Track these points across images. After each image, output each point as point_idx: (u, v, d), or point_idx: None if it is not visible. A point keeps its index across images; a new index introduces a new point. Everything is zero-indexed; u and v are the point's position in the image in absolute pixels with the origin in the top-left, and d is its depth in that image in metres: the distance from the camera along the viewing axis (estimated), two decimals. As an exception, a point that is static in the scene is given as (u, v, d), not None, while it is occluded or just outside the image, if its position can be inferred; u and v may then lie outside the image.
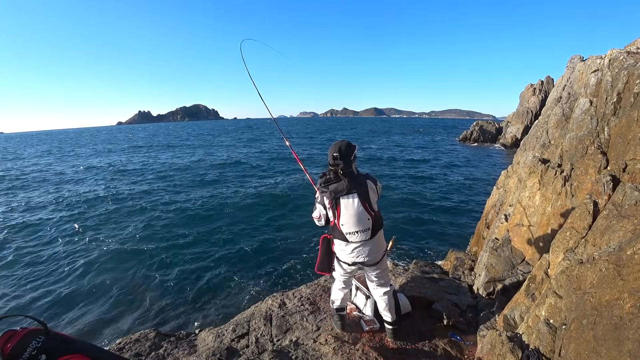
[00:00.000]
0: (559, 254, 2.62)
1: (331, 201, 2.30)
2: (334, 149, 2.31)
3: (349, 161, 2.29)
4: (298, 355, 2.69)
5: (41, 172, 25.77)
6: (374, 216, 2.33)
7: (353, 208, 2.29)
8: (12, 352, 1.04)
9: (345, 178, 2.28)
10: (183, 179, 20.48)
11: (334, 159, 2.30)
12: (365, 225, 2.32)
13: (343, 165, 2.28)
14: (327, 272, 2.64)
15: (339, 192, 2.28)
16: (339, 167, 2.29)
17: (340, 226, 2.35)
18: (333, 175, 2.34)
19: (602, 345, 1.68)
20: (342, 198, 2.28)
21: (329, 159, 2.33)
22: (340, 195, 2.28)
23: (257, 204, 14.07)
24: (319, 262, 2.59)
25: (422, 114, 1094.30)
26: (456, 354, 2.79)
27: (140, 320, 6.55)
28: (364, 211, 2.29)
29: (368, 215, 2.30)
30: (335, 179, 2.32)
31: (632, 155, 2.62)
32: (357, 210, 2.29)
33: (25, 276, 8.43)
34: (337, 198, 2.29)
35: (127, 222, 12.46)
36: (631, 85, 2.96)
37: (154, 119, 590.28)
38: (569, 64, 5.62)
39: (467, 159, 27.53)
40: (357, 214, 2.30)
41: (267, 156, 30.39)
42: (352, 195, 2.28)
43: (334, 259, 2.60)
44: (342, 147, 2.29)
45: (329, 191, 2.30)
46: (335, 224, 2.38)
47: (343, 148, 2.28)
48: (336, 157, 2.28)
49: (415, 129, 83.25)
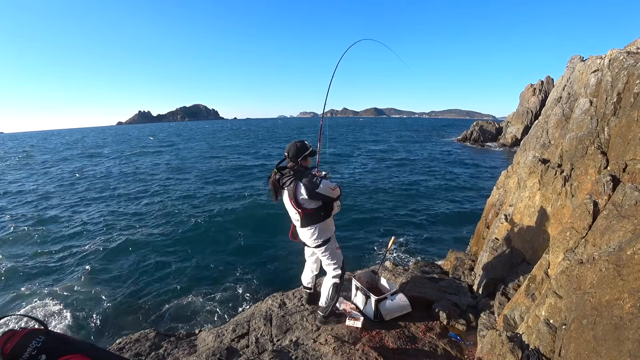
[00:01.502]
0: (559, 254, 2.62)
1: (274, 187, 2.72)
2: (287, 148, 2.71)
3: (296, 161, 2.66)
4: (298, 355, 2.69)
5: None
6: (301, 213, 2.66)
7: (286, 200, 2.75)
8: (12, 352, 1.04)
9: (286, 176, 2.65)
10: (183, 178, 20.49)
11: (285, 157, 2.72)
12: (295, 217, 2.77)
13: (290, 164, 2.70)
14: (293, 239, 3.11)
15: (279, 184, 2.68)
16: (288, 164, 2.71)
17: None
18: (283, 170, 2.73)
19: (602, 345, 1.68)
20: (282, 189, 2.71)
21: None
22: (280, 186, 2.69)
23: (257, 203, 14.09)
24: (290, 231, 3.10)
25: (422, 114, 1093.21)
26: (456, 354, 2.79)
27: (140, 320, 6.55)
28: (292, 206, 2.68)
29: (295, 210, 2.68)
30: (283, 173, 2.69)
31: (632, 155, 2.62)
32: (287, 203, 2.75)
33: (25, 276, 8.44)
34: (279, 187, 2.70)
35: (127, 221, 12.46)
36: (631, 85, 2.96)
37: (154, 119, 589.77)
38: (569, 64, 5.62)
39: (467, 159, 27.51)
40: (287, 206, 2.78)
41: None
42: (285, 190, 2.69)
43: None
44: (292, 148, 2.67)
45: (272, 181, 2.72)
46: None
47: (293, 149, 2.66)
48: (285, 156, 2.71)
49: (415, 129, 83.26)
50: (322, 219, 2.76)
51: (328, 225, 2.85)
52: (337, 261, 2.95)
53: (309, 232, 2.78)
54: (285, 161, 2.75)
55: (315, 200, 2.65)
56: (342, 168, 22.91)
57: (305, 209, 2.66)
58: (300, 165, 2.68)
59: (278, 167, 2.74)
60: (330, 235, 2.88)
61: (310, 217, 2.70)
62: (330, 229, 2.88)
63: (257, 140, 53.24)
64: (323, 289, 3.05)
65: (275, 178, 2.71)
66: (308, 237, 2.83)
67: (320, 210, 2.71)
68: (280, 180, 2.68)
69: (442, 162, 26.12)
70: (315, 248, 2.90)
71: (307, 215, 2.69)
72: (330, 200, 2.71)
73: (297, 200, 2.63)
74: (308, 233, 2.79)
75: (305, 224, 2.74)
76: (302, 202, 2.64)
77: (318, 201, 2.66)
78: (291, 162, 2.69)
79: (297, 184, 2.61)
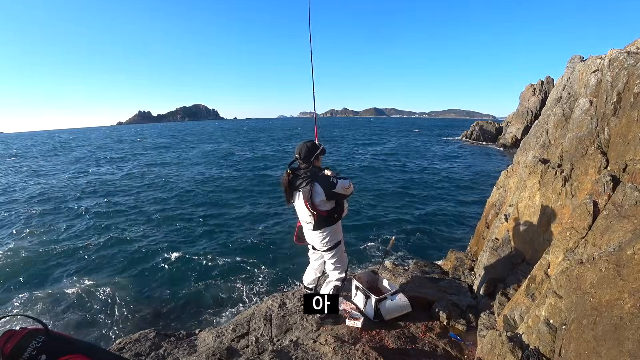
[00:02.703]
0: (559, 254, 2.62)
1: (286, 189, 2.67)
2: (297, 149, 2.64)
3: (309, 161, 2.61)
4: (298, 355, 2.69)
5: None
6: (315, 215, 2.60)
7: (299, 202, 2.66)
8: (12, 352, 1.04)
9: (302, 177, 2.58)
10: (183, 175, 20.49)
11: (296, 158, 2.65)
12: (308, 219, 2.68)
13: (303, 165, 2.62)
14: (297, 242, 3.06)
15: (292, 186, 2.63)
16: (301, 165, 2.64)
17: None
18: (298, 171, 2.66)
19: (602, 345, 1.68)
20: (295, 191, 2.64)
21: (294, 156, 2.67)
22: (293, 188, 2.64)
23: (257, 203, 14.09)
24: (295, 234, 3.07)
25: (422, 114, 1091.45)
26: (456, 354, 2.79)
27: (140, 320, 6.54)
28: (306, 209, 2.60)
29: (309, 212, 2.60)
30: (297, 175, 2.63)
31: (632, 155, 2.62)
32: (300, 205, 2.66)
33: (25, 276, 8.43)
34: (292, 189, 2.65)
35: (126, 220, 12.46)
36: (631, 85, 2.96)
37: (154, 119, 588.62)
38: (569, 64, 5.62)
39: (467, 159, 27.51)
40: (300, 208, 2.69)
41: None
42: (299, 192, 2.61)
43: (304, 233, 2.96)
44: (303, 148, 2.61)
45: (283, 182, 2.65)
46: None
47: (304, 150, 2.60)
48: (297, 157, 2.64)
49: (415, 129, 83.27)
50: (334, 221, 2.72)
51: (339, 228, 2.82)
52: (343, 265, 2.93)
53: (320, 235, 2.72)
54: (296, 162, 2.68)
55: (331, 201, 2.62)
56: (342, 168, 22.91)
57: (320, 211, 2.60)
58: (313, 165, 2.63)
59: (291, 168, 2.67)
60: (340, 238, 2.85)
61: (323, 219, 2.65)
62: (340, 232, 2.85)
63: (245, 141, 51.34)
64: (323, 290, 3.04)
65: (288, 180, 2.63)
66: (319, 241, 2.76)
67: (333, 212, 2.67)
68: (294, 181, 2.62)
69: (442, 162, 26.11)
70: (325, 252, 2.84)
71: (321, 218, 2.64)
72: (345, 198, 2.70)
73: (313, 202, 2.56)
74: (320, 236, 2.73)
75: (318, 226, 2.67)
76: (318, 204, 2.58)
77: (332, 202, 2.63)
78: (304, 163, 2.62)
79: (314, 185, 2.54)
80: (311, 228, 2.70)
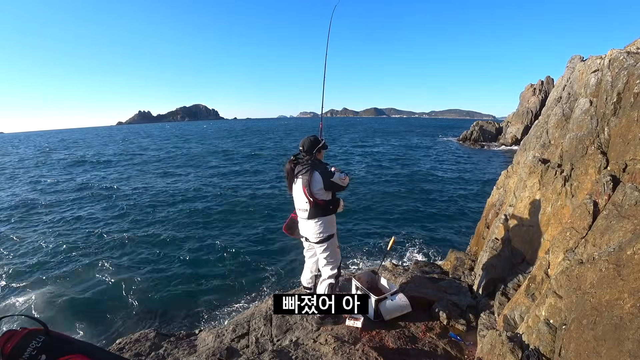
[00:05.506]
0: (559, 254, 2.62)
1: (288, 176, 2.91)
2: (301, 142, 2.90)
3: (311, 153, 2.86)
4: (298, 355, 2.69)
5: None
6: (312, 202, 2.75)
7: (297, 189, 2.84)
8: (12, 352, 1.04)
9: (303, 165, 2.82)
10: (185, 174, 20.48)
11: (300, 151, 2.91)
12: (304, 206, 2.82)
13: (306, 156, 2.87)
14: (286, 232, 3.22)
15: (295, 173, 2.84)
16: (304, 156, 2.88)
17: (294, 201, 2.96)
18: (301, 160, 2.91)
19: (602, 345, 1.68)
20: (295, 178, 2.85)
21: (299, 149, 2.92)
22: (294, 175, 2.86)
23: (257, 203, 14.09)
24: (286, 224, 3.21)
25: (422, 114, 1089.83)
26: (456, 354, 2.79)
27: (140, 320, 6.54)
28: (303, 195, 2.76)
29: (306, 199, 2.76)
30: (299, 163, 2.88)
31: (632, 155, 2.62)
32: (298, 192, 2.83)
33: (24, 276, 8.43)
34: (293, 176, 2.87)
35: (126, 221, 12.46)
36: (631, 85, 2.96)
37: (154, 119, 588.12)
38: (569, 64, 5.62)
39: (467, 159, 27.50)
40: (298, 195, 2.85)
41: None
42: (299, 179, 2.81)
43: (295, 225, 3.11)
44: (306, 141, 2.88)
45: (286, 169, 2.91)
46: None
47: (307, 143, 2.87)
48: (301, 150, 2.90)
49: (415, 129, 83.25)
50: (329, 212, 2.85)
51: (333, 221, 2.93)
52: (335, 261, 2.98)
53: (315, 225, 2.82)
54: (301, 155, 2.91)
55: (329, 192, 2.80)
56: (341, 168, 22.88)
57: (317, 199, 2.75)
58: (315, 157, 2.86)
59: (294, 157, 2.91)
60: (334, 231, 2.93)
61: (320, 208, 2.78)
62: (334, 226, 2.93)
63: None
64: (319, 289, 3.08)
65: (290, 167, 2.87)
66: (313, 231, 2.85)
67: (329, 203, 2.82)
68: (295, 168, 2.84)
69: (442, 162, 26.10)
70: (317, 243, 2.91)
71: (317, 206, 2.77)
72: (341, 189, 2.86)
73: (311, 189, 2.73)
74: (315, 226, 2.83)
75: (313, 214, 2.79)
76: (316, 193, 2.74)
77: (330, 193, 2.81)
78: (307, 155, 2.87)
79: (313, 173, 2.74)
80: (306, 217, 2.83)
